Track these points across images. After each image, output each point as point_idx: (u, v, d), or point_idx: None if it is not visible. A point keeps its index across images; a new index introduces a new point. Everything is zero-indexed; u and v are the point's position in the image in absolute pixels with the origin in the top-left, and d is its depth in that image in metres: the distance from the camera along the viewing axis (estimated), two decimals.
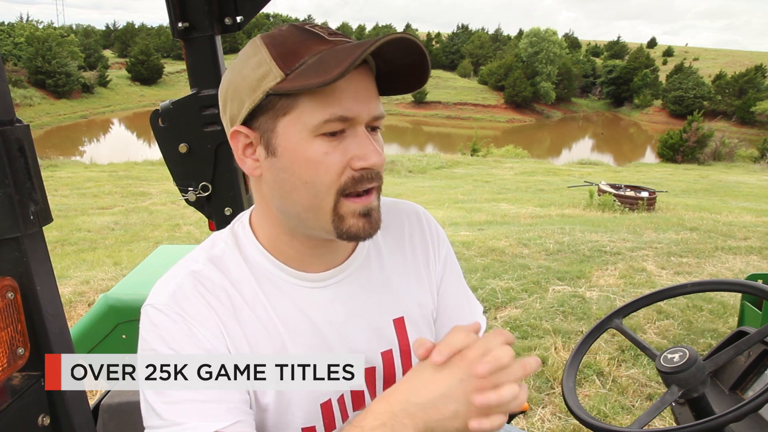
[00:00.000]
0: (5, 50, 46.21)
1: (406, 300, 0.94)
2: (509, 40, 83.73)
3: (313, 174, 0.76)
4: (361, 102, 0.76)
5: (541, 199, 12.49)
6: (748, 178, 20.10)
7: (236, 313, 0.82)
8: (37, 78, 45.83)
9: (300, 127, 0.75)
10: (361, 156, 0.76)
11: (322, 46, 0.75)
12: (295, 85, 0.72)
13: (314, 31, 0.77)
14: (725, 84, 58.72)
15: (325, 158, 0.75)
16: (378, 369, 0.91)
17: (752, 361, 1.66)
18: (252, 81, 0.76)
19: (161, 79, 61.71)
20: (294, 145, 0.76)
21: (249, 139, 0.79)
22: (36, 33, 48.74)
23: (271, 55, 0.75)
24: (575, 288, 4.59)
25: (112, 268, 5.35)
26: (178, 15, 1.38)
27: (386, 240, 0.96)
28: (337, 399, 0.89)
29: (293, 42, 0.76)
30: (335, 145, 0.76)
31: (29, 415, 0.91)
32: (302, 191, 0.77)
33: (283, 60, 0.75)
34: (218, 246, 0.87)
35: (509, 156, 28.03)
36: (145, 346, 0.79)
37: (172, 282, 0.82)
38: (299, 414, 0.86)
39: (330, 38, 0.76)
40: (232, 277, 0.84)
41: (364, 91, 0.76)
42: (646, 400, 2.93)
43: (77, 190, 12.83)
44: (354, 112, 0.75)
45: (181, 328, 0.78)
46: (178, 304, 0.79)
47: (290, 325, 0.85)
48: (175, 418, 0.75)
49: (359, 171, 0.77)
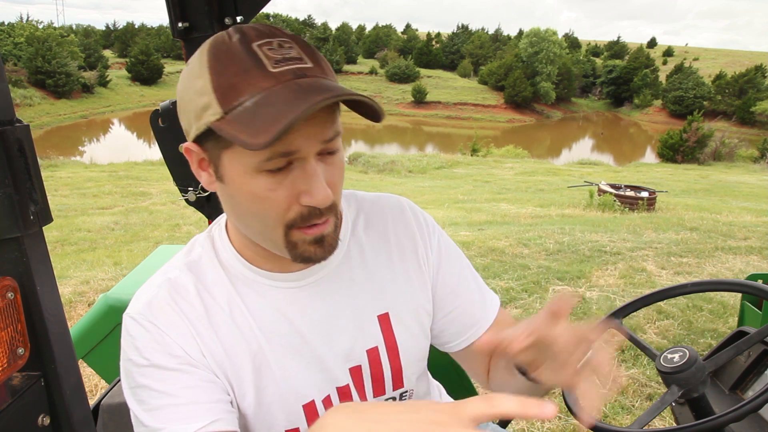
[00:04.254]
0: (5, 50, 46.21)
1: (392, 295, 0.92)
2: (509, 40, 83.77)
3: (260, 208, 0.73)
4: (305, 134, 0.69)
5: (541, 199, 12.48)
6: (748, 178, 20.09)
7: (209, 317, 0.82)
8: (37, 78, 45.81)
9: (242, 162, 0.71)
10: (306, 192, 0.72)
11: (263, 82, 0.68)
12: (229, 133, 0.67)
13: (259, 57, 0.69)
14: (725, 84, 58.72)
15: (270, 194, 0.72)
16: (364, 367, 0.91)
17: (752, 361, 1.66)
18: (196, 108, 0.72)
19: (161, 79, 61.68)
20: (238, 178, 0.73)
21: (201, 156, 0.77)
22: (36, 33, 48.72)
23: (212, 84, 0.69)
24: (575, 288, 4.59)
25: (112, 268, 5.35)
26: (178, 15, 1.38)
27: (369, 235, 0.94)
28: (322, 399, 0.88)
29: (234, 71, 0.69)
30: (280, 180, 0.71)
31: (29, 415, 0.91)
32: (251, 219, 0.77)
33: (222, 94, 0.69)
34: (195, 251, 0.88)
35: (509, 156, 28.03)
36: (123, 356, 0.81)
37: (148, 291, 0.84)
38: (281, 416, 0.85)
39: (274, 69, 0.68)
40: (207, 281, 0.84)
41: (312, 123, 0.69)
42: (646, 400, 2.93)
43: (77, 190, 12.83)
44: (298, 146, 0.70)
45: (153, 336, 0.79)
46: (151, 313, 0.81)
47: (267, 327, 0.84)
48: (155, 425, 0.76)
49: (307, 207, 0.73)
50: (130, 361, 0.80)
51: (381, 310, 0.92)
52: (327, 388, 0.89)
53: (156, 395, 0.77)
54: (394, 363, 0.93)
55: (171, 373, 0.78)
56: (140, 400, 0.78)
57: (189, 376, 0.79)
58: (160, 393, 0.77)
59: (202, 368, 0.80)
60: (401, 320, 0.93)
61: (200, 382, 0.79)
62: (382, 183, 14.93)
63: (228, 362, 0.82)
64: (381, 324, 0.91)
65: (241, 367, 0.83)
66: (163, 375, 0.78)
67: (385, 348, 0.92)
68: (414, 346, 0.95)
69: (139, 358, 0.79)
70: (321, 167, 0.73)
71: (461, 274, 1.00)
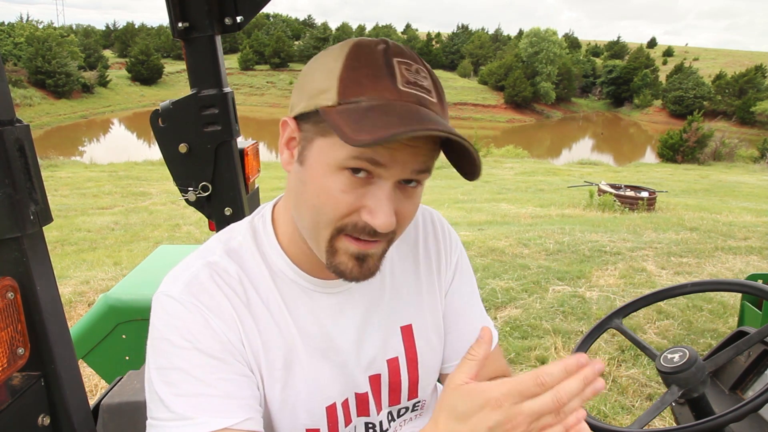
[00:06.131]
0: (5, 50, 46.21)
1: (416, 307, 0.94)
2: (509, 40, 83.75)
3: (323, 202, 0.73)
4: (401, 157, 0.70)
5: (541, 199, 12.48)
6: (748, 178, 20.08)
7: (251, 307, 0.82)
8: (37, 78, 45.83)
9: (331, 155, 0.72)
10: (371, 210, 0.72)
11: (386, 93, 0.69)
12: (335, 122, 0.68)
13: (394, 71, 0.71)
14: (725, 84, 58.75)
15: (339, 195, 0.72)
16: (383, 376, 0.91)
17: (752, 361, 1.66)
18: (314, 88, 0.73)
19: (161, 79, 61.74)
20: (320, 167, 0.73)
21: (294, 134, 0.78)
22: (36, 33, 48.73)
23: (340, 74, 0.71)
24: (575, 288, 4.59)
25: (112, 268, 5.34)
26: (178, 15, 1.38)
27: (398, 246, 0.95)
28: (341, 403, 0.89)
29: (366, 72, 0.71)
30: (355, 187, 0.72)
31: (29, 415, 0.91)
32: (308, 210, 0.76)
33: (344, 86, 0.70)
34: (236, 239, 0.86)
35: (509, 156, 28.01)
36: (157, 335, 0.77)
37: (187, 271, 0.81)
38: (304, 415, 0.85)
39: (403, 87, 0.70)
40: (249, 271, 0.83)
41: (411, 148, 0.70)
42: (646, 400, 2.93)
43: (77, 190, 12.82)
44: (386, 161, 0.70)
45: (196, 318, 0.77)
46: (193, 294, 0.78)
47: (302, 326, 0.85)
48: (184, 412, 0.73)
49: (364, 222, 0.73)
50: (166, 341, 0.76)
51: (405, 321, 0.93)
52: (347, 392, 0.89)
53: (192, 381, 0.74)
54: (412, 374, 0.93)
55: (212, 360, 0.76)
56: (170, 383, 0.75)
57: (228, 366, 0.77)
58: (196, 379, 0.74)
59: (240, 360, 0.79)
60: (423, 332, 0.94)
61: (236, 375, 0.78)
62: None
63: (263, 355, 0.82)
64: (403, 335, 0.92)
65: (274, 361, 0.82)
66: (203, 360, 0.75)
67: (405, 359, 0.92)
68: (432, 359, 0.96)
69: (179, 339, 0.75)
70: (397, 195, 0.74)
71: (469, 301, 1.01)
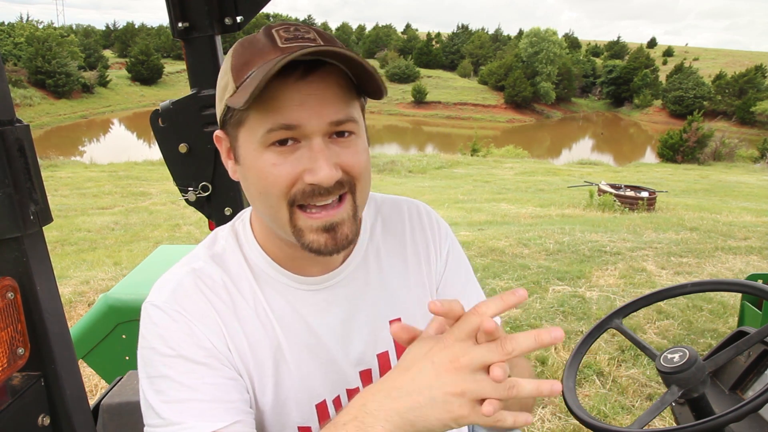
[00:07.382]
0: (5, 50, 46.19)
1: (405, 301, 0.93)
2: (509, 40, 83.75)
3: (264, 185, 0.74)
4: (309, 109, 0.70)
5: (541, 199, 12.48)
6: (748, 178, 20.09)
7: (236, 310, 0.82)
8: (37, 78, 45.82)
9: (252, 138, 0.73)
10: (309, 169, 0.72)
11: (271, 54, 0.71)
12: (234, 101, 0.70)
13: (273, 37, 0.73)
14: (725, 84, 58.72)
15: (274, 169, 0.73)
16: (374, 371, 0.91)
17: (752, 361, 1.66)
18: (220, 89, 0.77)
19: (161, 79, 61.71)
20: (249, 155, 0.74)
21: (227, 144, 0.79)
22: (36, 33, 48.72)
23: (231, 65, 0.74)
24: (575, 288, 4.59)
25: (112, 268, 5.34)
26: (178, 15, 1.38)
27: (386, 240, 0.95)
28: (332, 400, 0.89)
29: (252, 51, 0.73)
30: (285, 157, 0.72)
31: (29, 415, 0.91)
32: (260, 201, 0.77)
33: (236, 72, 0.73)
34: (219, 243, 0.88)
35: (509, 156, 28.03)
36: (144, 344, 0.79)
37: (173, 280, 0.82)
38: (295, 413, 0.86)
39: (284, 44, 0.71)
40: (232, 274, 0.84)
41: (316, 98, 0.71)
42: (646, 400, 2.92)
43: (77, 190, 12.83)
44: (299, 120, 0.70)
45: (180, 326, 0.78)
46: (178, 302, 0.79)
47: (286, 326, 0.85)
48: (173, 418, 0.74)
49: (310, 185, 0.73)
50: (152, 350, 0.77)
51: (394, 315, 0.92)
52: (338, 389, 0.89)
53: (178, 387, 0.75)
54: None
55: (197, 366, 0.77)
56: (159, 391, 0.76)
57: (214, 371, 0.78)
58: (182, 386, 0.76)
59: (226, 364, 0.80)
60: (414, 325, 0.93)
61: (223, 380, 0.78)
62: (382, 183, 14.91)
63: (251, 357, 0.82)
64: None
65: (263, 361, 0.83)
66: (188, 367, 0.76)
67: (396, 353, 0.92)
68: None
69: (164, 348, 0.77)
70: (331, 148, 0.73)
71: (463, 290, 1.00)
